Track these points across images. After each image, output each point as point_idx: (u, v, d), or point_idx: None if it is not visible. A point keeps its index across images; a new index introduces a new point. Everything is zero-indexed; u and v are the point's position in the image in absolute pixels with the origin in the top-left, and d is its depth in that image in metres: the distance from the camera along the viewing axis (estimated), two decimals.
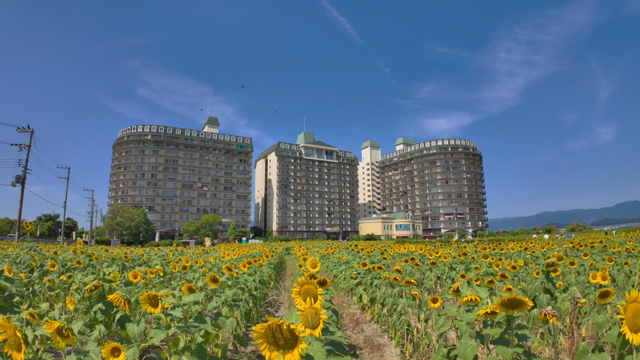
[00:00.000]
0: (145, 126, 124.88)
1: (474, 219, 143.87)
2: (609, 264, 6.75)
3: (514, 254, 9.57)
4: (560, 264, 6.55)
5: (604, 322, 3.06)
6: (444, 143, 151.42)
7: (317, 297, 1.88)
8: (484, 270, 6.94)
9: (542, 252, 9.89)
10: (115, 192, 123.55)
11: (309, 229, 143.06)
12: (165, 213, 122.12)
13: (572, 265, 5.87)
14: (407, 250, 10.64)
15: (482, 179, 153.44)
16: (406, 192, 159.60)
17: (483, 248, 10.98)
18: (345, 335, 5.47)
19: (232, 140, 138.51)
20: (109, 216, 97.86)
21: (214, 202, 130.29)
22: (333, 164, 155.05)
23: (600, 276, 4.27)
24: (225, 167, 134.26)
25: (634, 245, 10.86)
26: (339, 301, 7.73)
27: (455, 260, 7.98)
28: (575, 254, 9.95)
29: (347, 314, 6.61)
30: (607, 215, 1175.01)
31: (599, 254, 9.07)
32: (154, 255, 11.97)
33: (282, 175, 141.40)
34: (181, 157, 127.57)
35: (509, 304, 2.05)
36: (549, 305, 3.35)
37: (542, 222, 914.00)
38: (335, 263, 10.46)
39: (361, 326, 5.97)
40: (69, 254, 9.61)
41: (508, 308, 2.08)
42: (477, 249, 11.19)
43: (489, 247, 11.83)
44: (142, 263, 9.05)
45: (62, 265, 7.38)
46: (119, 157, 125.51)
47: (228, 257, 9.04)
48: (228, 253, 9.99)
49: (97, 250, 11.67)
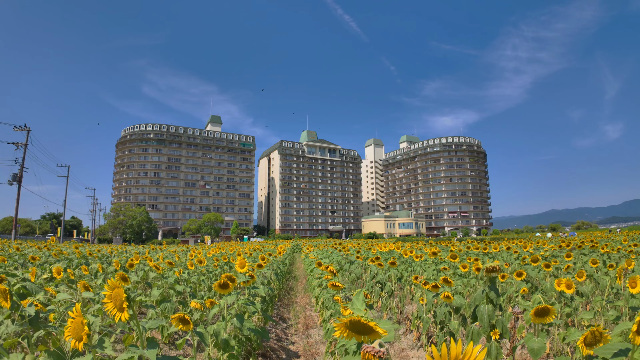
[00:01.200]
0: (148, 125, 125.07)
1: (478, 217, 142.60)
2: (593, 266, 6.23)
3: (497, 254, 9.05)
4: (536, 266, 6.03)
5: (540, 348, 2.45)
6: (447, 141, 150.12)
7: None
8: (431, 272, 6.44)
9: (529, 253, 9.37)
10: (119, 191, 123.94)
11: (312, 227, 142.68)
12: (168, 211, 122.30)
13: (548, 268, 5.35)
14: (387, 249, 10.15)
15: (487, 177, 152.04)
16: (410, 190, 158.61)
17: (467, 247, 10.45)
18: (282, 343, 4.99)
19: (235, 138, 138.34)
20: (111, 215, 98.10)
21: (217, 200, 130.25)
22: (336, 162, 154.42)
23: (565, 284, 3.75)
24: (228, 166, 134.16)
25: (629, 245, 10.29)
26: (304, 302, 7.29)
27: (430, 260, 7.50)
28: (560, 254, 9.41)
29: (304, 317, 6.17)
30: (614, 213, 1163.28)
31: (589, 255, 8.53)
32: (118, 252, 11.59)
33: (284, 174, 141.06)
34: (184, 155, 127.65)
35: (354, 328, 1.29)
36: (492, 318, 2.85)
37: (549, 220, 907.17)
38: (309, 263, 10.01)
39: (309, 331, 5.52)
40: (32, 250, 9.28)
41: (355, 333, 1.30)
42: (462, 248, 10.68)
43: (476, 246, 11.30)
44: (104, 261, 8.66)
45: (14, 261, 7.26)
46: (122, 155, 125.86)
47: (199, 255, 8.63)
48: (199, 252, 9.58)
49: (67, 248, 11.30)
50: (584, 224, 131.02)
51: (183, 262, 8.14)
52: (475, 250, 9.87)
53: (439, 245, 16.72)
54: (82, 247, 14.23)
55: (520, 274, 4.29)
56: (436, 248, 8.53)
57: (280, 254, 9.79)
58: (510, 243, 13.38)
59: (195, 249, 15.20)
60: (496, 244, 9.77)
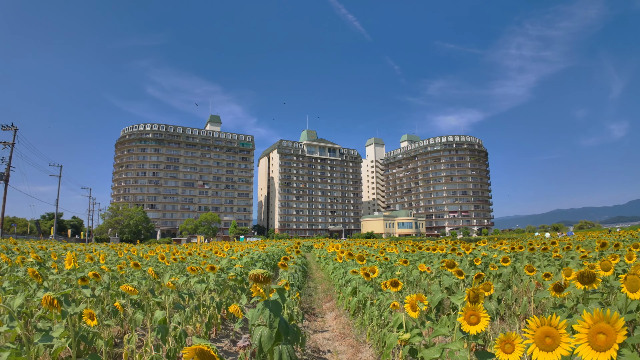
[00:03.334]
0: (147, 125, 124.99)
1: (479, 216, 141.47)
2: (529, 274, 5.55)
3: (459, 257, 8.39)
4: (451, 272, 5.35)
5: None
6: (448, 139, 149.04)
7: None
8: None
9: (472, 255, 8.69)
10: (118, 191, 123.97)
11: (312, 227, 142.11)
12: (167, 211, 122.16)
13: (460, 276, 4.68)
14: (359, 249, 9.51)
15: (488, 176, 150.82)
16: (410, 190, 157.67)
17: (419, 247, 9.81)
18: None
19: (234, 138, 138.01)
20: (108, 214, 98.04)
21: (216, 200, 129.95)
22: (336, 162, 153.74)
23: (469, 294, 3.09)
24: (226, 165, 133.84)
25: (590, 248, 9.54)
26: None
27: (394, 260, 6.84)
28: (516, 256, 8.74)
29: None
30: (619, 213, 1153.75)
31: (540, 260, 7.83)
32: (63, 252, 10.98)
33: (284, 173, 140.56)
34: (182, 155, 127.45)
35: None
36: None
37: (554, 219, 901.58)
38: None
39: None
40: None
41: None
42: (415, 249, 10.02)
43: (427, 246, 10.62)
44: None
45: None
46: (121, 155, 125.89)
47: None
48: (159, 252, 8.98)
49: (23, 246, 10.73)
50: (587, 224, 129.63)
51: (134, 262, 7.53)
52: (425, 251, 9.24)
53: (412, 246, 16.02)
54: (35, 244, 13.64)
55: (395, 283, 3.64)
56: (423, 248, 7.88)
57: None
58: (475, 245, 12.72)
59: (161, 249, 14.61)
60: (443, 245, 9.13)
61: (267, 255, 10.16)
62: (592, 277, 2.78)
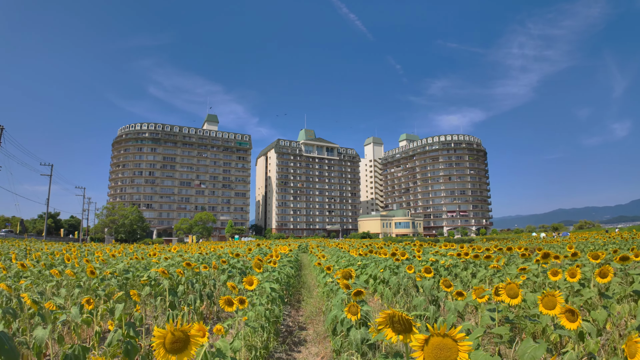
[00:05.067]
0: (144, 124, 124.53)
1: (477, 216, 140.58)
2: (445, 289, 4.91)
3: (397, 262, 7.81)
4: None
5: None
6: (446, 139, 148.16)
7: None
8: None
9: (424, 261, 8.08)
10: (114, 190, 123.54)
11: (309, 227, 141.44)
12: (163, 211, 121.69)
13: (346, 289, 4.06)
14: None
15: (487, 176, 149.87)
16: (409, 190, 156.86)
17: (371, 250, 9.18)
18: None
19: (231, 137, 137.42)
20: (103, 214, 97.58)
21: (212, 199, 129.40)
22: (334, 161, 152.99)
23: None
24: (223, 165, 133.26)
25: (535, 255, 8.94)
26: None
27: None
28: (466, 263, 8.11)
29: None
30: (621, 213, 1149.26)
31: (483, 268, 7.19)
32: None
33: (281, 173, 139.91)
34: (179, 154, 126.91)
35: None
36: None
37: (555, 219, 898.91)
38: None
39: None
40: None
41: None
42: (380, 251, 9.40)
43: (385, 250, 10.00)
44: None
45: None
46: (117, 155, 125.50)
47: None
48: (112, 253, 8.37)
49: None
50: (587, 224, 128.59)
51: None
52: (375, 255, 8.67)
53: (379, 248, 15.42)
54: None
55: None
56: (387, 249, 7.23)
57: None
58: (444, 246, 12.10)
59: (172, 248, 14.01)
60: (394, 249, 8.52)
61: (203, 259, 9.48)
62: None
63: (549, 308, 2.76)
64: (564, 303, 2.86)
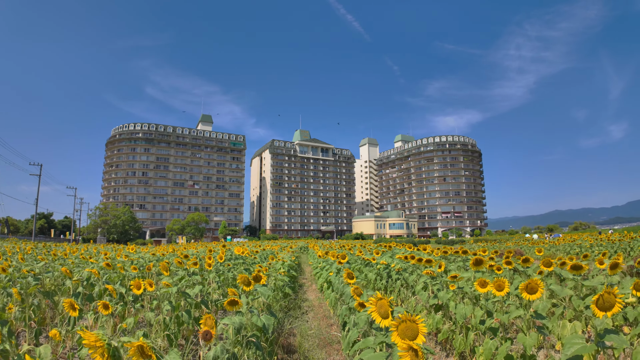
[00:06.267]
0: (137, 124, 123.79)
1: (472, 217, 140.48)
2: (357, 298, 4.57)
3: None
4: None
5: None
6: (441, 140, 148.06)
7: None
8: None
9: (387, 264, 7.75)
10: (107, 191, 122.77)
11: (304, 228, 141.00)
12: (156, 211, 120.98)
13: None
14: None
15: (482, 177, 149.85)
16: (403, 190, 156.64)
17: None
18: None
19: (225, 137, 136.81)
20: (95, 214, 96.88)
21: (206, 200, 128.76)
22: (329, 162, 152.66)
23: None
24: (217, 165, 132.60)
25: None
26: None
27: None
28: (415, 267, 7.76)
29: None
30: (617, 214, 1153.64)
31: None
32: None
33: (275, 173, 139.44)
34: (172, 155, 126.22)
35: None
36: None
37: (552, 220, 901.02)
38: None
39: None
40: None
41: None
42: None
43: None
44: None
45: None
46: (111, 155, 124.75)
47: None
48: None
49: None
50: (582, 225, 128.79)
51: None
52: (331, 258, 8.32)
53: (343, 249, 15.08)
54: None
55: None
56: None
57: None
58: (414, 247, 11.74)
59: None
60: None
61: (157, 259, 9.05)
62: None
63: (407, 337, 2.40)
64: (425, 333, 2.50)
